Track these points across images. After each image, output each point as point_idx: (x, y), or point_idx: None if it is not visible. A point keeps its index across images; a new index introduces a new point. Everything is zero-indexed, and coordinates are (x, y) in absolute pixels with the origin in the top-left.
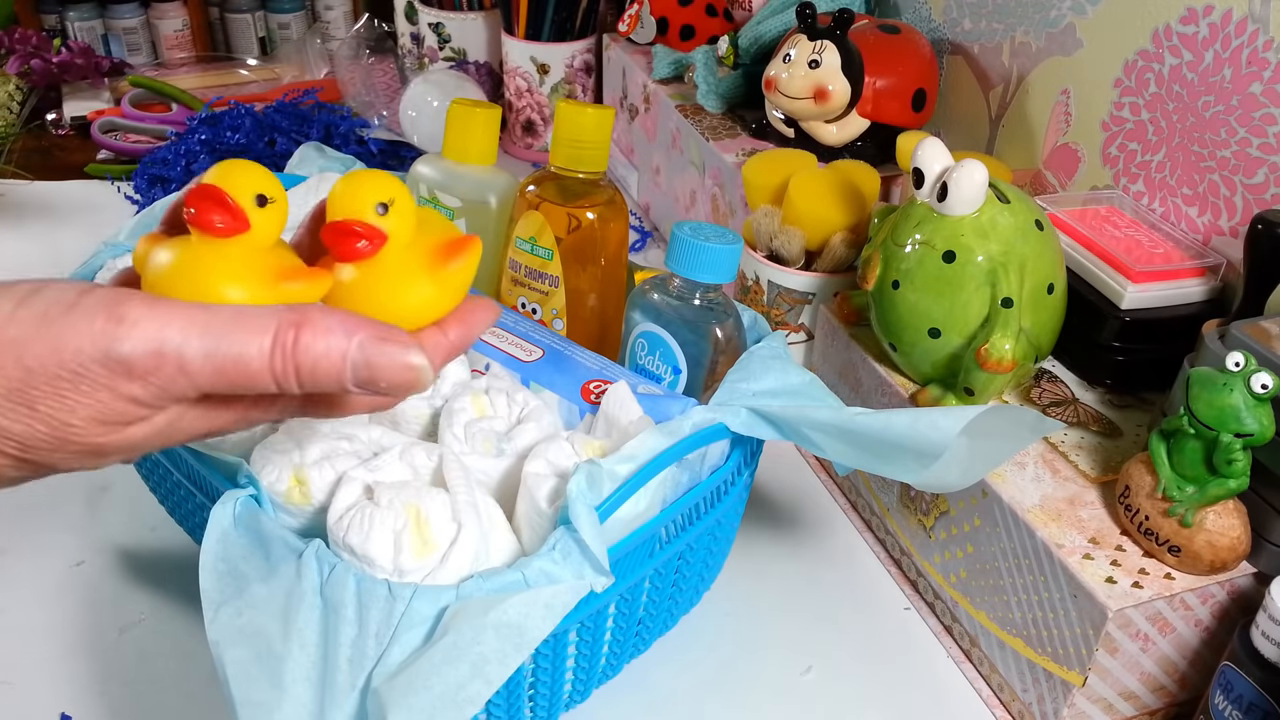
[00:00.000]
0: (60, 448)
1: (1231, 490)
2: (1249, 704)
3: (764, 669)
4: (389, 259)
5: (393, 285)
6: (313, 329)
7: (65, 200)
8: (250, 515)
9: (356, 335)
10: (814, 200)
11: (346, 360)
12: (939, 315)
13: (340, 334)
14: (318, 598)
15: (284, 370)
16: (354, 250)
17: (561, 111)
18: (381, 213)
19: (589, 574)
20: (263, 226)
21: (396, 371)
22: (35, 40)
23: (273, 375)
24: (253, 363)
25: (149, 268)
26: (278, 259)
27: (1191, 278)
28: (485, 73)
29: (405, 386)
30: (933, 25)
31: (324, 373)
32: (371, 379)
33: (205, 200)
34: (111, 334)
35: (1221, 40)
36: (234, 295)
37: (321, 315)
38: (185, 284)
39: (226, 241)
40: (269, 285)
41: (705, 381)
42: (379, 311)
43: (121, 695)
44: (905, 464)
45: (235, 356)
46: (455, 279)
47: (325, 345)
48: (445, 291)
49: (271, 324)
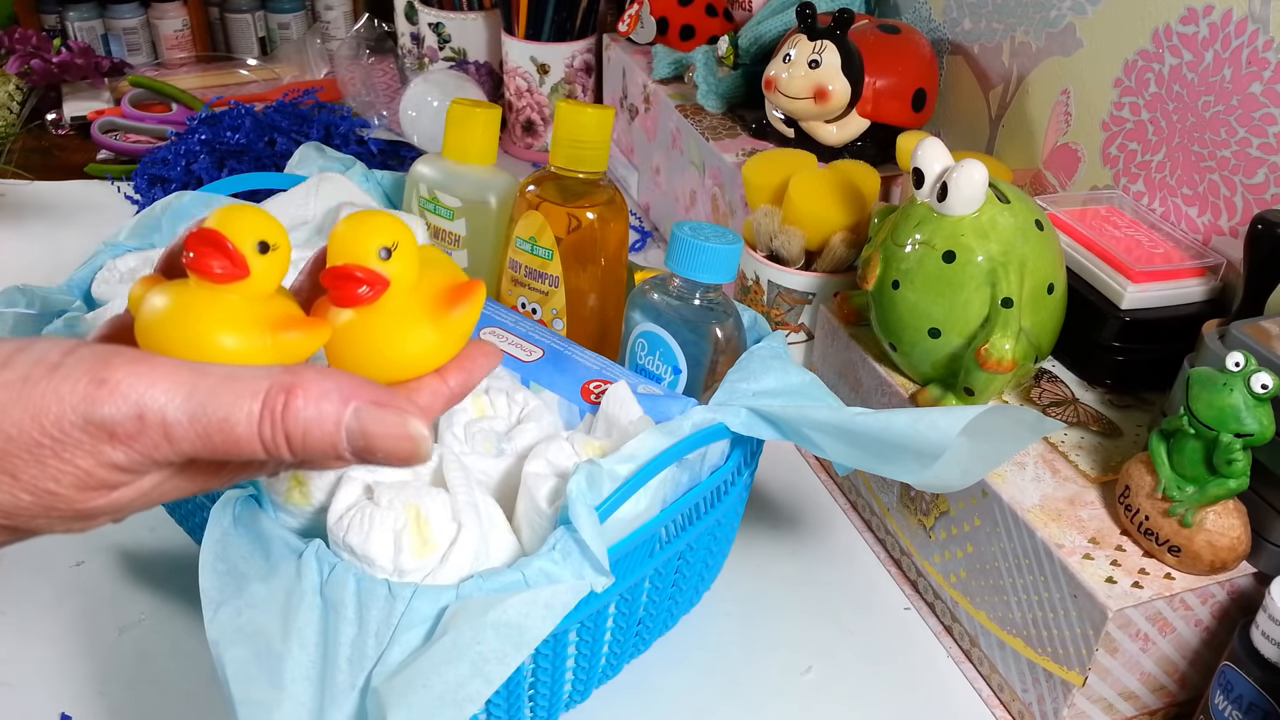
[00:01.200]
0: (44, 514)
1: (1231, 490)
2: (1249, 704)
3: (764, 669)
4: (391, 305)
5: (394, 332)
6: (305, 393)
7: (65, 200)
8: (250, 515)
9: (352, 402)
10: (814, 200)
11: (340, 428)
12: (939, 315)
13: (335, 399)
14: (318, 597)
15: (273, 438)
16: (355, 296)
17: (561, 111)
18: (384, 257)
19: (589, 574)
20: (263, 274)
21: (394, 442)
22: (35, 40)
23: (261, 443)
24: (239, 428)
25: (143, 312)
26: (276, 308)
27: (1191, 278)
28: (485, 73)
29: (403, 457)
30: (933, 25)
31: (316, 440)
32: (368, 448)
33: (205, 245)
34: (93, 397)
35: (1221, 40)
36: (228, 344)
37: (316, 379)
38: (179, 331)
39: (224, 288)
40: (265, 335)
41: (705, 381)
42: (379, 358)
43: (121, 695)
44: (905, 464)
45: (221, 421)
46: (458, 326)
47: (318, 411)
48: (448, 339)
49: (263, 387)
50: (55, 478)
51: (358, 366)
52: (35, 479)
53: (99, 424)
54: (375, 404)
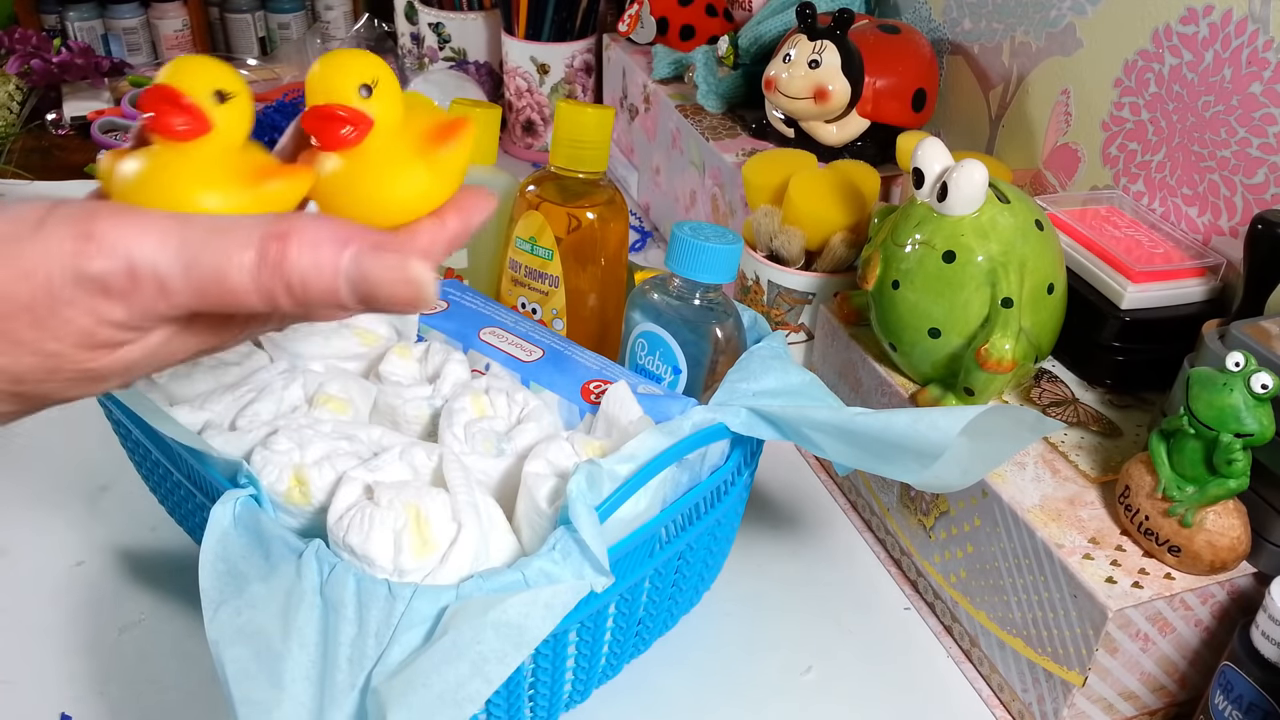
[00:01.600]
0: (50, 377)
1: (1231, 490)
2: (1249, 704)
3: (764, 669)
4: (377, 146)
5: (383, 174)
6: (300, 240)
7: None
8: (250, 515)
9: (350, 246)
10: (814, 200)
11: (339, 275)
12: (939, 315)
13: (331, 245)
14: (317, 597)
15: (270, 288)
16: (339, 137)
17: (561, 111)
18: (365, 95)
19: (589, 574)
20: (227, 125)
21: (395, 286)
22: (35, 40)
23: (259, 293)
24: (234, 279)
25: (115, 181)
26: (250, 158)
27: (1191, 278)
28: (485, 73)
29: (405, 302)
30: (933, 25)
31: (315, 289)
32: (369, 294)
33: (160, 103)
34: (81, 252)
35: (1221, 40)
36: (209, 202)
37: (310, 225)
38: (154, 194)
39: (192, 145)
40: (246, 187)
41: (705, 381)
42: (369, 203)
43: (121, 695)
44: (905, 464)
45: (215, 273)
46: (450, 163)
47: (314, 259)
48: (441, 178)
49: (255, 237)
50: (56, 337)
51: (349, 214)
52: (37, 340)
53: (91, 279)
54: (374, 248)
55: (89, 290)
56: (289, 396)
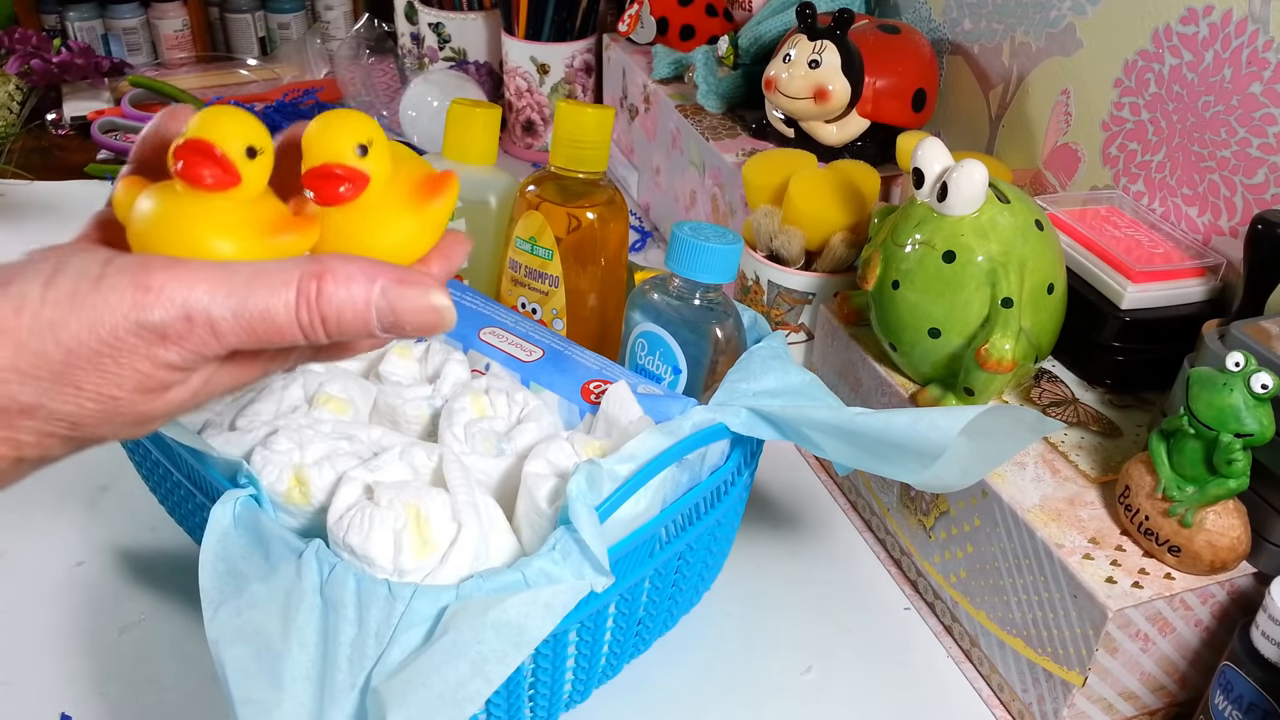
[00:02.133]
0: (107, 420)
1: (1231, 490)
2: (1249, 704)
3: (764, 669)
4: (371, 200)
5: (377, 226)
6: (334, 278)
7: (65, 200)
8: (250, 515)
9: (378, 281)
10: (814, 200)
11: (370, 306)
12: (939, 315)
13: (362, 281)
14: (317, 597)
15: (310, 322)
16: (337, 195)
17: (561, 111)
18: (361, 154)
19: (589, 574)
20: (252, 179)
21: (421, 314)
22: (35, 40)
23: (300, 327)
24: (279, 316)
25: (134, 217)
26: (266, 210)
27: (1191, 278)
28: (485, 73)
29: (430, 327)
30: (933, 25)
31: (349, 320)
32: (397, 323)
33: (195, 155)
34: (141, 303)
35: (1221, 40)
36: (224, 250)
37: (342, 264)
38: (173, 238)
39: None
40: (259, 239)
41: (705, 381)
42: (366, 253)
43: (121, 695)
44: (905, 464)
45: (262, 313)
46: (437, 216)
47: (348, 293)
48: (428, 229)
49: (293, 277)
50: (117, 383)
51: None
52: (98, 386)
53: (151, 328)
54: (399, 281)
55: (148, 338)
56: (289, 396)
